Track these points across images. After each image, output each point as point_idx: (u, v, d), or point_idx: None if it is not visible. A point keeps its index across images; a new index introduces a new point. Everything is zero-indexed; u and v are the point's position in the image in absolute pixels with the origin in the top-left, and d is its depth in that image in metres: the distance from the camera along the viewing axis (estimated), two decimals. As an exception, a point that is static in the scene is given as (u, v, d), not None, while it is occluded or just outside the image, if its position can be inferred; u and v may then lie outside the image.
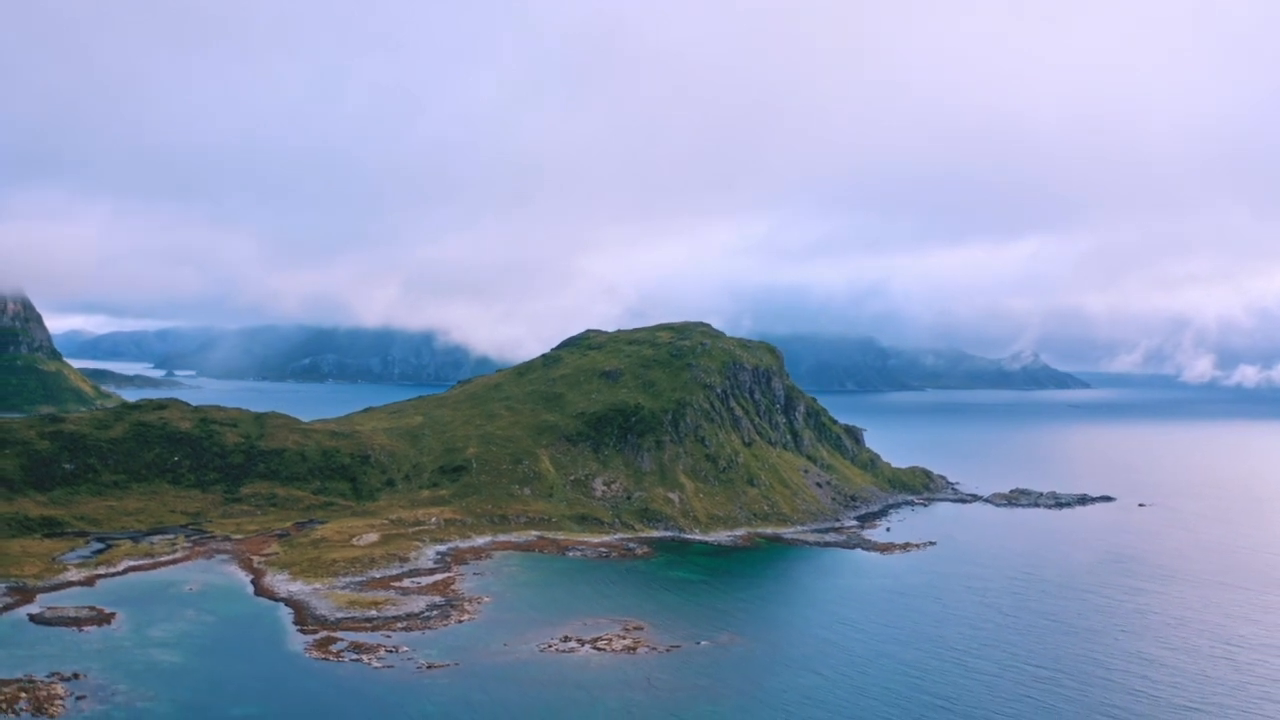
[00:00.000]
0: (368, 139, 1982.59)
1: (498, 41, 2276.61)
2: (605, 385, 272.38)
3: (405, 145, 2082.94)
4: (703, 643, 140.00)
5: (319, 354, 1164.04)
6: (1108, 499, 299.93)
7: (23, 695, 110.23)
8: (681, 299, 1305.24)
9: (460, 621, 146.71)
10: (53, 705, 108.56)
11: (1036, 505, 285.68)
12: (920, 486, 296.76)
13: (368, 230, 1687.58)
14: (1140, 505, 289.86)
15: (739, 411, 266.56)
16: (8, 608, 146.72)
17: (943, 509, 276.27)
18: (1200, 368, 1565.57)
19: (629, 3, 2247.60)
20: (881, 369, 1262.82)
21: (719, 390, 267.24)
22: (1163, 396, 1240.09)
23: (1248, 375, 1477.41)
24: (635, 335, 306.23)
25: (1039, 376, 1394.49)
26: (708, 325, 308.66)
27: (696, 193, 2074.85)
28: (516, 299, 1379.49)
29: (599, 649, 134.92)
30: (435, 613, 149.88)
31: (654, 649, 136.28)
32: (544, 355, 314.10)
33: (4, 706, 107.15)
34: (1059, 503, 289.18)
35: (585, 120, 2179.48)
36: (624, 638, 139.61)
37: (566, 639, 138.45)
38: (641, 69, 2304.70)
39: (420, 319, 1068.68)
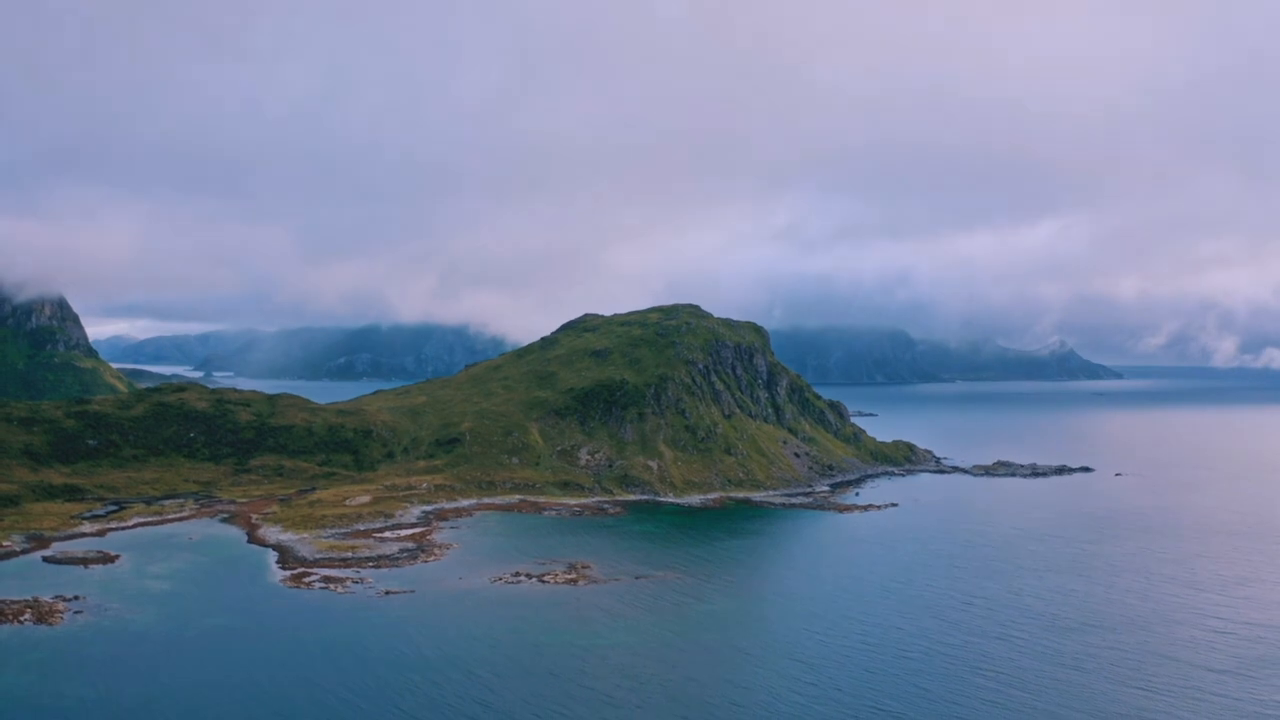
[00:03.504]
0: (386, 134, 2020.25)
1: (499, 32, 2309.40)
2: (595, 363, 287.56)
3: (421, 140, 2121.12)
4: (641, 578, 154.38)
5: (355, 353, 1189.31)
6: (1086, 470, 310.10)
7: (28, 610, 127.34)
8: (709, 291, 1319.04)
9: (426, 562, 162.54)
10: (53, 617, 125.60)
11: (1013, 475, 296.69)
12: (902, 459, 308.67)
13: (397, 225, 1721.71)
14: (1117, 475, 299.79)
15: (720, 386, 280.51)
16: (25, 551, 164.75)
17: (920, 479, 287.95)
18: (1225, 349, 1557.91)
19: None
20: (911, 361, 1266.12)
21: (701, 366, 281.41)
22: (1193, 384, 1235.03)
23: (1275, 358, 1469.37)
24: (628, 317, 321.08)
25: (1071, 367, 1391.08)
26: (696, 306, 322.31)
27: (716, 181, 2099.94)
28: (548, 290, 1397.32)
29: (544, 582, 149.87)
30: (404, 555, 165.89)
31: (594, 582, 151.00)
32: (543, 338, 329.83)
33: (11, 618, 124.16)
34: (1036, 473, 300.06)
35: (596, 110, 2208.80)
36: (569, 574, 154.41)
37: (516, 574, 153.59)
38: (648, 57, 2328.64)
39: (455, 312, 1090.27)
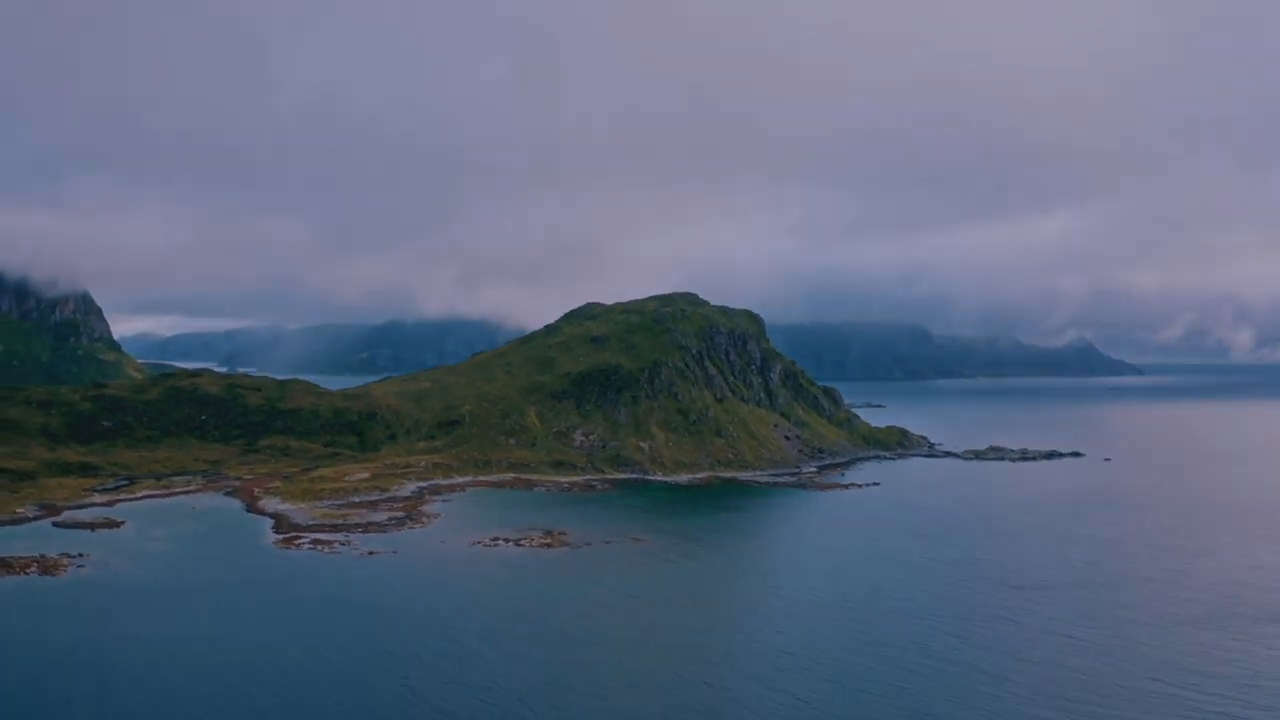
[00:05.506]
0: (401, 126, 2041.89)
1: (512, 22, 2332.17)
2: (593, 349, 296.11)
3: (437, 131, 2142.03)
4: (611, 542, 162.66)
5: (377, 348, 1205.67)
6: (1077, 454, 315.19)
7: (34, 564, 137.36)
8: (728, 285, 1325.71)
9: (412, 529, 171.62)
10: (57, 570, 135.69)
11: (1003, 459, 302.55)
12: (894, 444, 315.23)
13: (416, 218, 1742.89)
14: (1105, 460, 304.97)
15: (713, 370, 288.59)
16: (36, 518, 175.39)
17: (910, 463, 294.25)
18: (1241, 341, 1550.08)
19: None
20: (930, 356, 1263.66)
21: (694, 351, 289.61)
22: (1215, 380, 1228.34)
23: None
24: (628, 306, 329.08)
25: (1092, 363, 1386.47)
26: (694, 295, 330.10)
27: (733, 173, 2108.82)
28: (569, 284, 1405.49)
29: (519, 545, 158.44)
30: (392, 522, 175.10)
31: (568, 546, 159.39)
32: (546, 326, 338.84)
33: (18, 570, 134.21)
34: (1025, 457, 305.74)
35: (607, 102, 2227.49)
36: (545, 539, 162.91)
37: (495, 539, 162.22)
38: (656, 48, 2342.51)
39: (477, 307, 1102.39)
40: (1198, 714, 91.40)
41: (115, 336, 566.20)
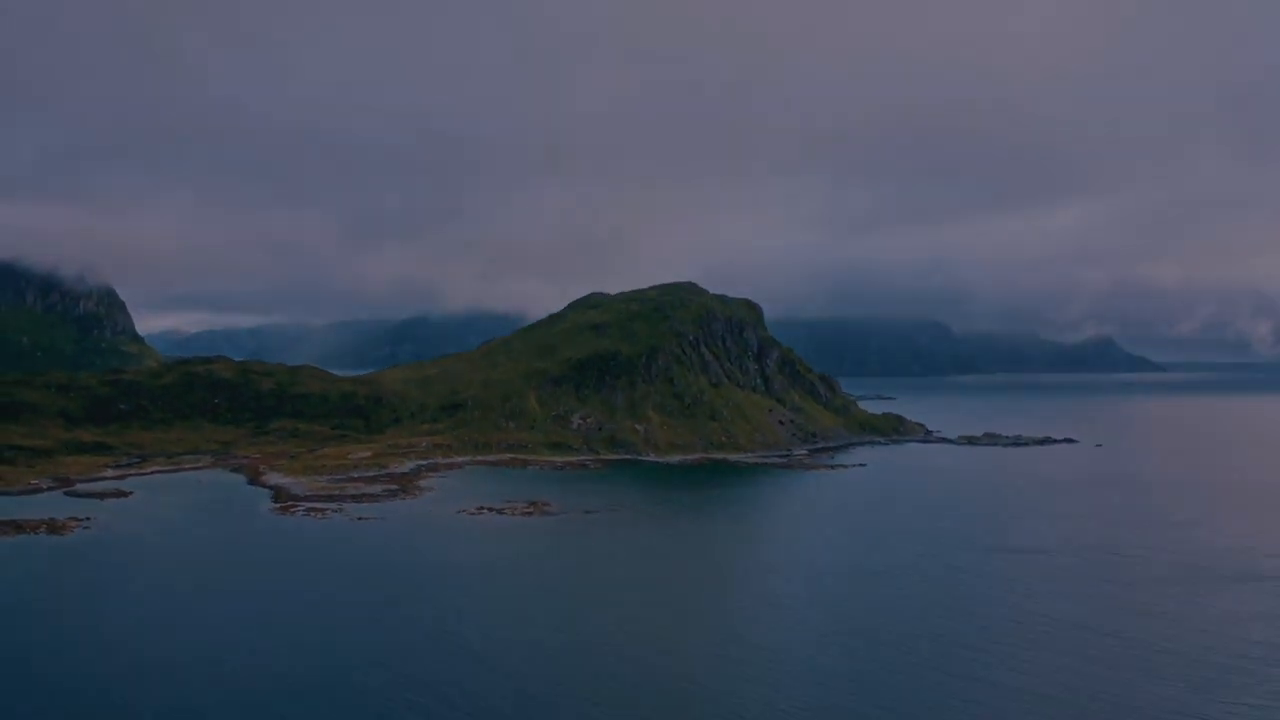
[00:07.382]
0: (415, 120, 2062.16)
1: (517, 17, 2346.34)
2: (594, 336, 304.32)
3: (452, 124, 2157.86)
4: (591, 513, 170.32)
5: (400, 344, 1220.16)
6: (1070, 441, 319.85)
7: (44, 525, 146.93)
8: (748, 279, 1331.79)
9: (404, 499, 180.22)
10: (65, 530, 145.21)
11: (995, 445, 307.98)
12: (890, 429, 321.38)
13: (437, 212, 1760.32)
14: (1097, 446, 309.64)
15: (709, 356, 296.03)
16: (50, 489, 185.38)
17: (903, 447, 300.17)
18: (1261, 334, 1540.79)
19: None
20: (950, 352, 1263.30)
21: (691, 338, 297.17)
22: (1234, 376, 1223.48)
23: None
24: (630, 295, 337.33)
25: (1113, 360, 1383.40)
26: (694, 284, 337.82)
27: (746, 166, 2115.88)
28: (587, 280, 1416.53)
29: (502, 514, 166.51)
30: (386, 494, 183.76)
31: (549, 515, 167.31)
32: (550, 315, 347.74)
33: (29, 530, 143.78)
34: (1018, 443, 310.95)
35: (621, 98, 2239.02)
36: (528, 509, 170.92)
37: (480, 508, 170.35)
38: (670, 41, 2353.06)
39: (500, 302, 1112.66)
40: (1119, 642, 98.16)
41: (140, 333, 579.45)
